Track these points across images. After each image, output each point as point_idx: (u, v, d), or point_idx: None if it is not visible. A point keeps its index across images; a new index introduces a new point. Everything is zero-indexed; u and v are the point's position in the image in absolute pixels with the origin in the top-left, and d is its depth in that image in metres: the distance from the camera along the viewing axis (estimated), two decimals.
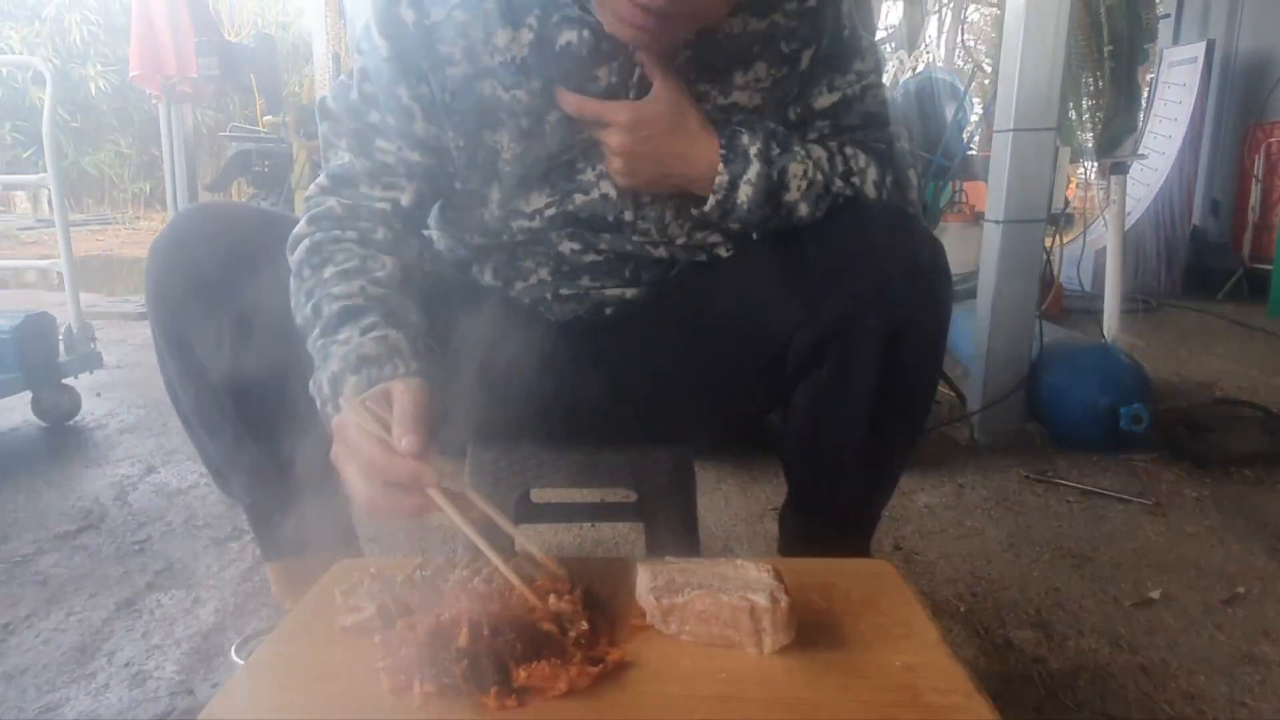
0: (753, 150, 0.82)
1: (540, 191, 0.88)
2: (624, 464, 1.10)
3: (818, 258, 0.82)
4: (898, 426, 0.85)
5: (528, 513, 1.34)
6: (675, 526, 1.14)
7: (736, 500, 1.73)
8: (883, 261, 0.79)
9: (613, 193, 0.87)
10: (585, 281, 0.93)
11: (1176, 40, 5.06)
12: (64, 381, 2.28)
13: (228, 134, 4.66)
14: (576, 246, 0.91)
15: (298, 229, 0.84)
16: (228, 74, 2.46)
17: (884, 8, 12.13)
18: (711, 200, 0.83)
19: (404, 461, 0.66)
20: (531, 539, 1.48)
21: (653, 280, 0.94)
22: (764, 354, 0.86)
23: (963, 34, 14.03)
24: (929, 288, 0.80)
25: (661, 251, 0.92)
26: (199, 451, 0.96)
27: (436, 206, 0.95)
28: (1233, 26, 4.82)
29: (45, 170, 2.27)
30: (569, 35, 0.80)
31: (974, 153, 4.43)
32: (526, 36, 0.81)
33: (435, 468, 0.67)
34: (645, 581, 0.64)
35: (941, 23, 13.60)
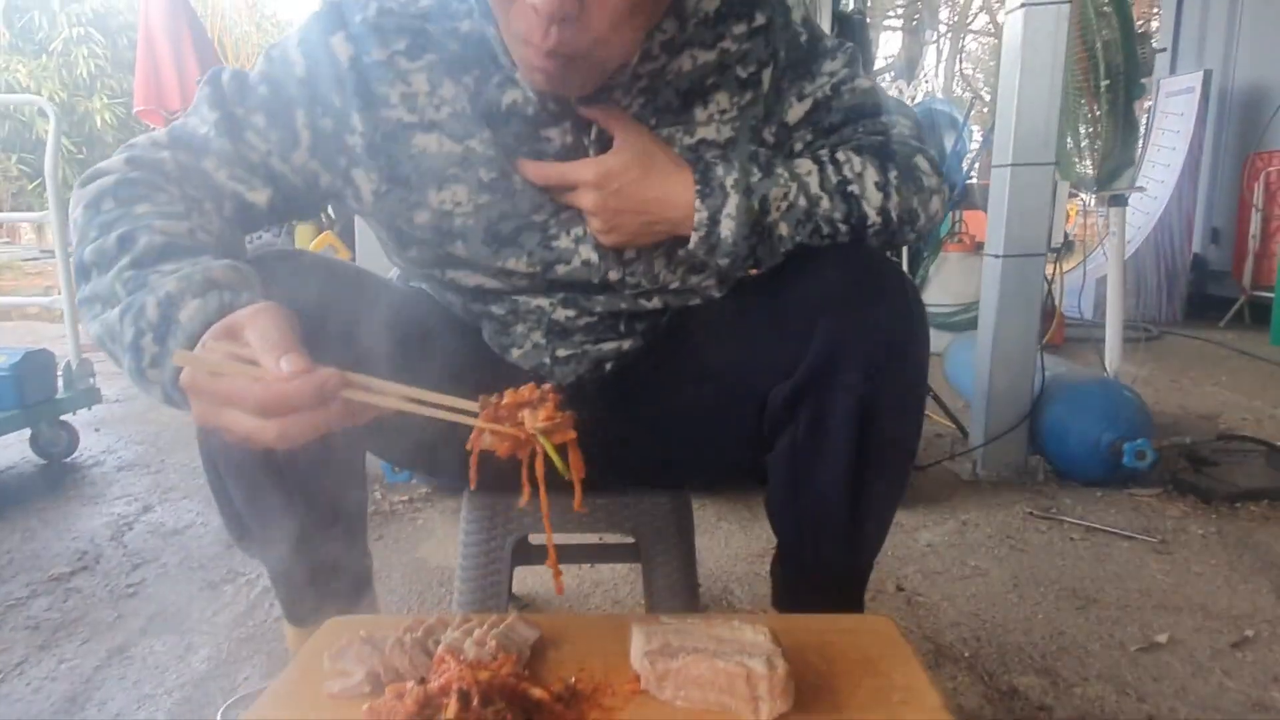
0: (729, 182, 0.79)
1: (516, 257, 0.84)
2: (621, 509, 1.09)
3: (794, 308, 0.80)
4: (878, 482, 0.82)
5: (525, 554, 1.33)
6: (674, 569, 1.13)
7: (736, 538, 1.72)
8: (853, 316, 0.76)
9: (594, 256, 0.85)
10: (580, 339, 0.91)
11: (1173, 70, 5.10)
12: (62, 418, 2.27)
13: None
14: (571, 313, 0.89)
15: (104, 164, 0.75)
16: None
17: (882, 38, 12.28)
18: (694, 238, 0.80)
19: (302, 379, 0.56)
20: (529, 579, 1.46)
21: (649, 329, 0.93)
22: (754, 404, 0.85)
23: (960, 63, 14.18)
24: (902, 343, 0.77)
25: (655, 301, 0.90)
26: (220, 503, 0.86)
27: (409, 266, 0.91)
28: (1229, 57, 4.86)
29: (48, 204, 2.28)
30: (512, 95, 0.79)
31: (974, 181, 4.45)
32: (469, 93, 0.79)
33: (332, 369, 0.57)
34: (640, 644, 0.63)
35: (940, 52, 13.75)
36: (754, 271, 0.89)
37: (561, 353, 0.91)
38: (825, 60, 0.87)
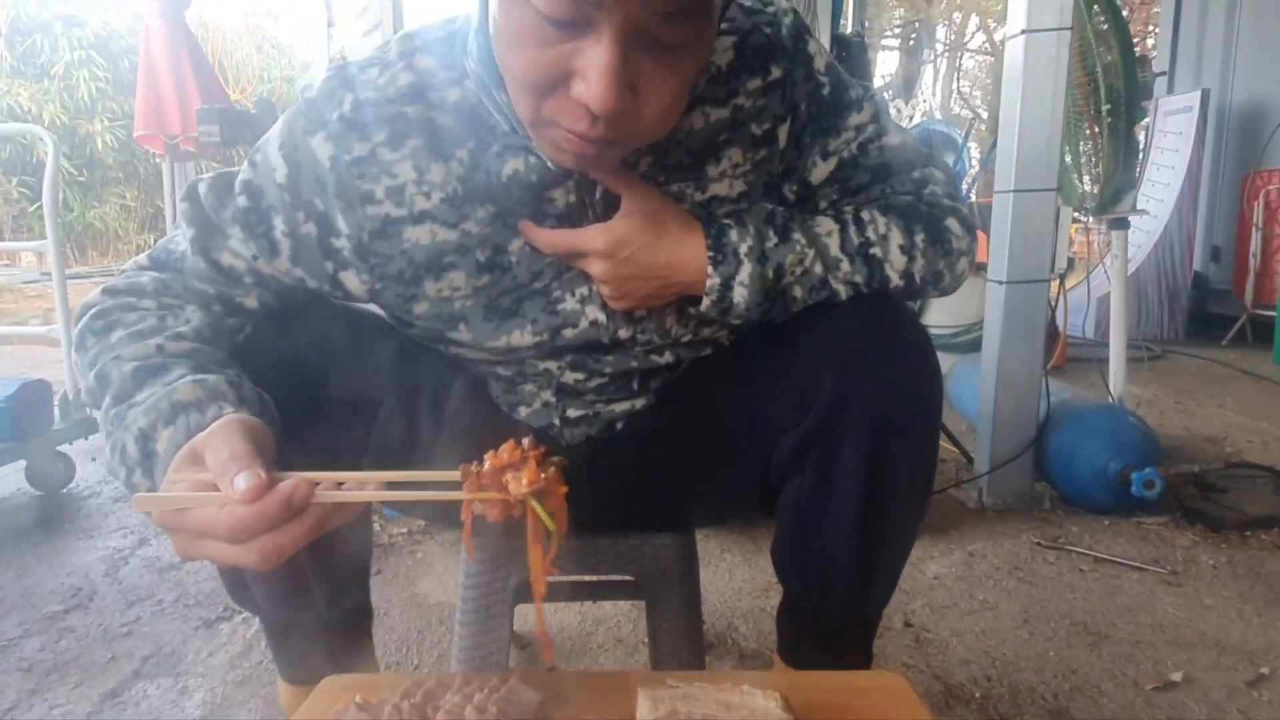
0: (743, 248, 0.76)
1: (520, 328, 0.81)
2: (625, 551, 1.07)
3: (805, 356, 0.77)
4: (888, 535, 0.80)
5: (527, 593, 1.30)
6: (678, 612, 1.10)
7: (740, 572, 1.69)
8: (864, 365, 0.74)
9: (601, 316, 0.82)
10: (591, 398, 0.89)
11: (1171, 90, 5.11)
12: (59, 449, 2.25)
13: None
14: (580, 376, 0.86)
15: (88, 296, 0.75)
16: (228, 139, 2.47)
17: (880, 58, 12.36)
18: (706, 302, 0.78)
19: (265, 499, 0.53)
20: (531, 617, 1.44)
21: (660, 385, 0.90)
22: (764, 451, 0.83)
23: (958, 82, 14.26)
24: (914, 393, 0.75)
25: (667, 356, 0.87)
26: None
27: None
28: (1226, 76, 4.87)
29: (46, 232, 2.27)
30: (514, 164, 0.75)
31: (974, 201, 4.45)
32: (462, 168, 0.75)
33: (298, 477, 0.55)
34: (646, 711, 0.61)
35: (937, 71, 13.82)
36: None
37: (572, 413, 0.89)
38: (850, 113, 0.83)
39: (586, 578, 1.41)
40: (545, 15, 0.59)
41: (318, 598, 0.81)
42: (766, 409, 0.81)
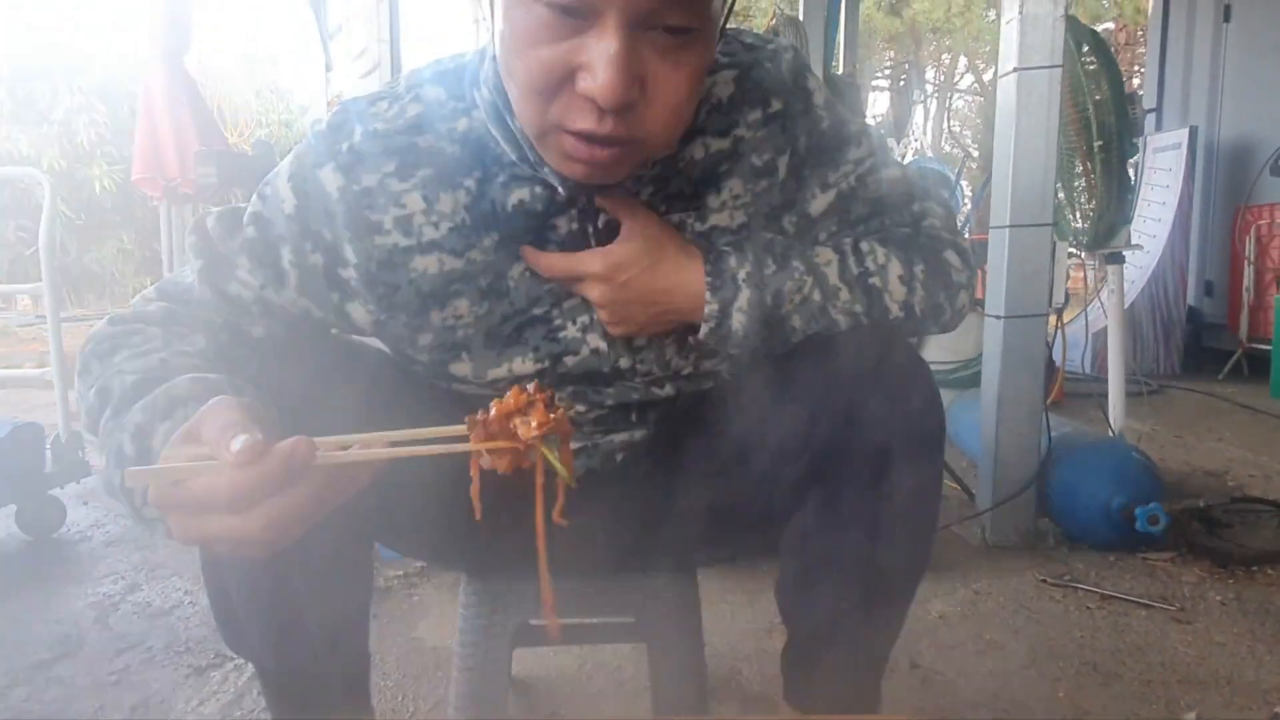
0: (741, 275, 0.77)
1: (522, 356, 0.81)
2: (626, 593, 1.05)
3: (806, 391, 0.77)
4: (892, 573, 0.78)
5: (526, 635, 1.28)
6: (680, 655, 1.08)
7: (743, 613, 1.67)
8: (865, 402, 0.73)
9: (603, 345, 0.82)
10: (590, 429, 0.88)
11: (1160, 127, 5.17)
12: (50, 493, 2.22)
13: None
14: (582, 408, 0.86)
15: (94, 328, 0.75)
16: (226, 181, 2.48)
17: (871, 98, 12.53)
18: (704, 329, 0.78)
19: (266, 455, 0.51)
20: (529, 661, 1.41)
21: (659, 417, 0.90)
22: (766, 487, 0.81)
23: (948, 121, 14.46)
24: (916, 430, 0.74)
25: (668, 389, 0.87)
26: (216, 607, 0.80)
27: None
28: (1213, 114, 4.93)
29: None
30: (520, 194, 0.76)
31: (969, 237, 4.48)
32: (469, 197, 0.76)
33: (297, 437, 0.52)
34: None
35: (927, 111, 14.02)
36: None
37: (572, 445, 0.88)
38: (849, 147, 0.83)
39: (585, 620, 1.38)
40: (548, 4, 0.59)
41: (315, 639, 0.78)
42: (767, 443, 0.80)
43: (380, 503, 0.74)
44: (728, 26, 0.74)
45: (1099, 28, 10.72)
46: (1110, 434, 2.34)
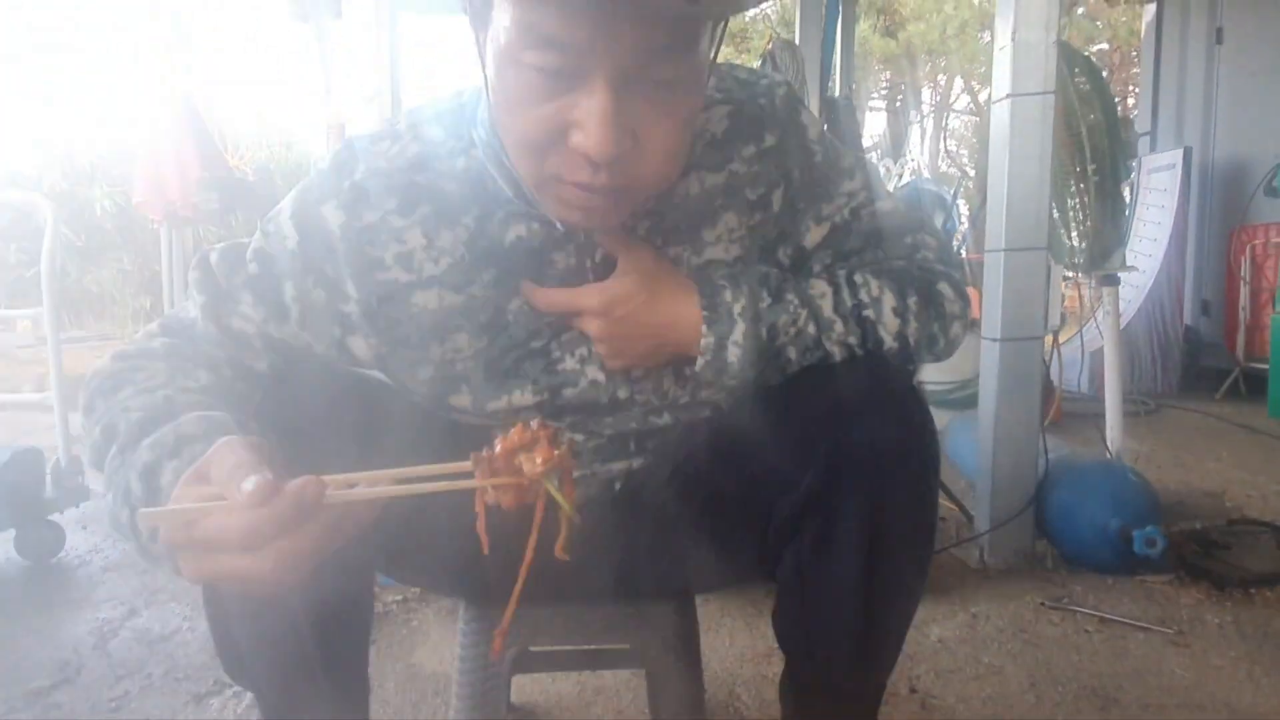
0: (736, 308, 0.78)
1: (521, 389, 0.82)
2: (624, 620, 1.06)
3: (802, 419, 0.77)
4: (889, 599, 0.78)
5: (525, 662, 1.28)
6: (679, 681, 1.08)
7: (741, 636, 1.67)
8: (861, 429, 0.73)
9: (601, 377, 0.83)
10: (589, 459, 0.89)
11: (1154, 148, 5.21)
12: (49, 518, 2.22)
13: None
14: (580, 437, 0.87)
15: (98, 364, 0.76)
16: (227, 206, 2.50)
17: (868, 119, 12.63)
18: (701, 362, 0.79)
19: (277, 497, 0.51)
20: (529, 688, 1.41)
21: (657, 447, 0.91)
22: (763, 515, 0.82)
23: (945, 141, 14.55)
24: (911, 459, 0.74)
25: (665, 418, 0.88)
26: (214, 623, 0.78)
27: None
28: (1208, 135, 4.97)
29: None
30: (517, 230, 0.78)
31: (966, 257, 4.50)
32: (469, 233, 0.78)
33: (306, 476, 0.52)
34: None
35: (924, 131, 14.11)
36: None
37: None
38: (843, 180, 0.85)
39: (584, 646, 1.39)
40: (538, 67, 0.61)
41: (315, 667, 0.79)
42: (764, 471, 0.81)
43: (382, 533, 0.75)
44: (722, 62, 0.76)
45: (1092, 49, 10.83)
46: (1108, 455, 2.35)
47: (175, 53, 3.76)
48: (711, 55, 0.69)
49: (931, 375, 3.76)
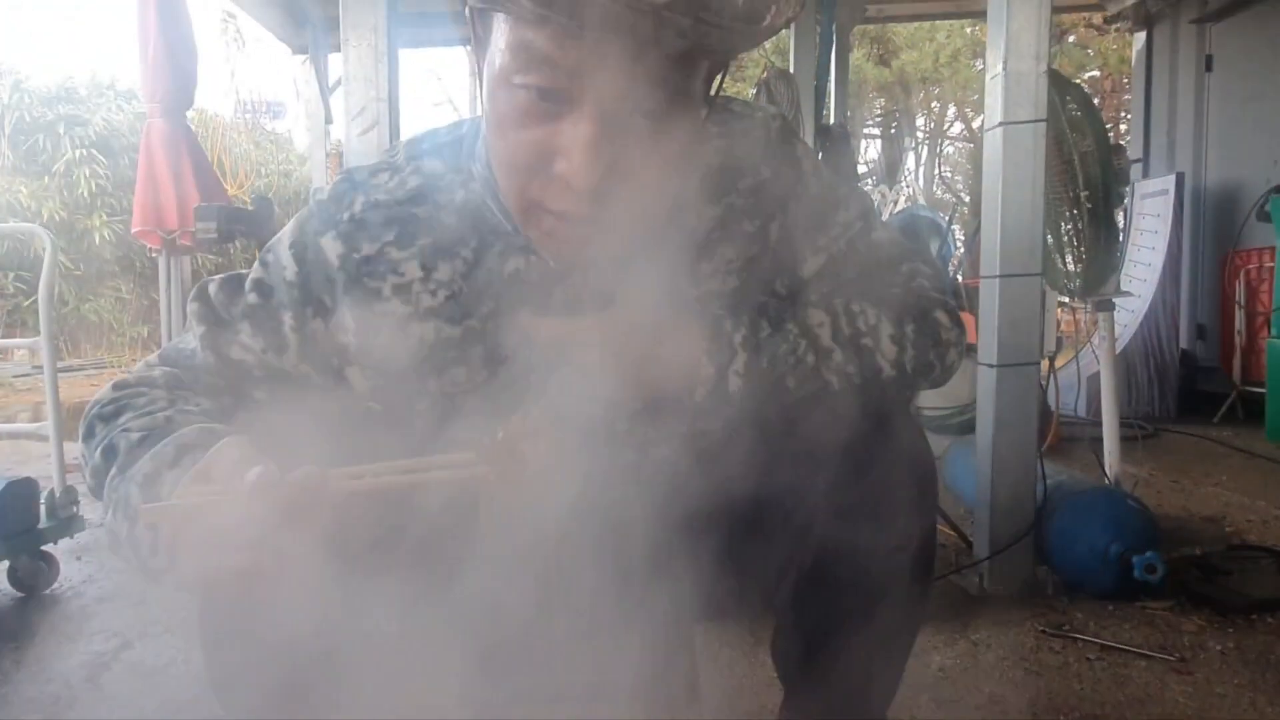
0: (737, 339, 0.78)
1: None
2: (621, 649, 1.05)
3: (798, 452, 0.78)
4: (888, 630, 0.79)
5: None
6: (676, 708, 1.07)
7: (740, 667, 1.65)
8: (858, 464, 0.74)
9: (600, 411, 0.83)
10: None
11: (1146, 174, 5.25)
12: (43, 548, 2.21)
13: None
14: None
15: (99, 392, 0.76)
16: (225, 235, 2.51)
17: (863, 145, 12.73)
18: (701, 391, 0.79)
19: (280, 483, 0.51)
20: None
21: (655, 478, 0.90)
22: (762, 544, 0.82)
23: (939, 168, 14.67)
24: (911, 490, 0.76)
25: (663, 449, 0.88)
26: (208, 655, 0.77)
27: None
28: (1199, 160, 5.02)
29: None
30: (515, 263, 0.78)
31: (962, 282, 4.52)
32: (466, 266, 0.78)
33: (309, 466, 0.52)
34: None
35: (918, 158, 14.23)
36: None
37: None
38: (839, 210, 0.86)
39: (579, 679, 1.37)
40: (527, 87, 0.62)
41: (313, 703, 0.78)
42: (762, 501, 0.81)
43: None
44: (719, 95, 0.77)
45: (1084, 77, 10.94)
46: (1106, 480, 2.34)
47: (175, 83, 3.78)
48: (708, 93, 0.70)
49: (929, 401, 3.76)
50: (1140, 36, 5.45)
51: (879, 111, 13.56)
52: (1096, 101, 2.74)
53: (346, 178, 0.80)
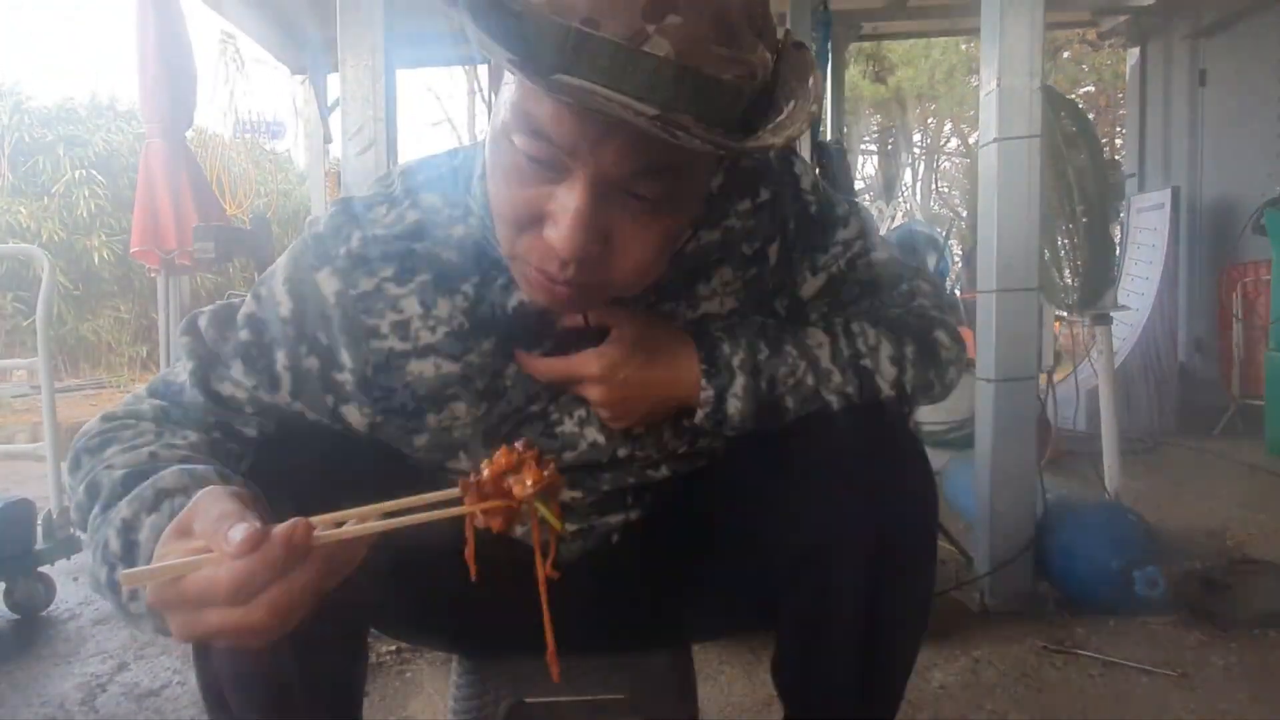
0: (735, 361, 0.78)
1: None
2: (619, 669, 1.04)
3: (801, 467, 0.77)
4: (889, 647, 0.78)
5: (518, 714, 1.26)
6: None
7: (739, 685, 1.64)
8: (860, 478, 0.74)
9: (600, 438, 0.82)
10: (586, 512, 0.88)
11: (1142, 188, 5.27)
12: (40, 570, 2.19)
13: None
14: (578, 494, 0.86)
15: (87, 424, 0.75)
16: (223, 255, 2.51)
17: (859, 161, 12.80)
18: (700, 414, 0.79)
19: (266, 544, 0.50)
20: None
21: (655, 498, 0.90)
22: (762, 563, 0.81)
23: (936, 183, 14.72)
24: (911, 507, 0.75)
25: (664, 470, 0.88)
26: (203, 679, 0.76)
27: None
28: (1194, 175, 5.04)
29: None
30: (519, 296, 0.77)
31: (960, 296, 4.52)
32: (467, 301, 0.77)
33: (293, 520, 0.51)
34: None
35: (915, 173, 14.29)
36: None
37: (568, 529, 0.88)
38: (837, 229, 0.85)
39: (579, 697, 1.36)
40: (524, 153, 0.61)
41: None
42: (762, 520, 0.80)
43: (374, 587, 0.74)
44: None
45: (1079, 93, 11.01)
46: (1106, 495, 2.34)
47: (174, 104, 3.79)
48: (712, 175, 0.69)
49: (927, 416, 3.76)
50: (1134, 52, 5.48)
51: (876, 128, 13.63)
52: (1091, 117, 2.76)
53: (343, 210, 0.78)
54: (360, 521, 0.55)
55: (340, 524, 0.55)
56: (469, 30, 0.57)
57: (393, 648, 1.85)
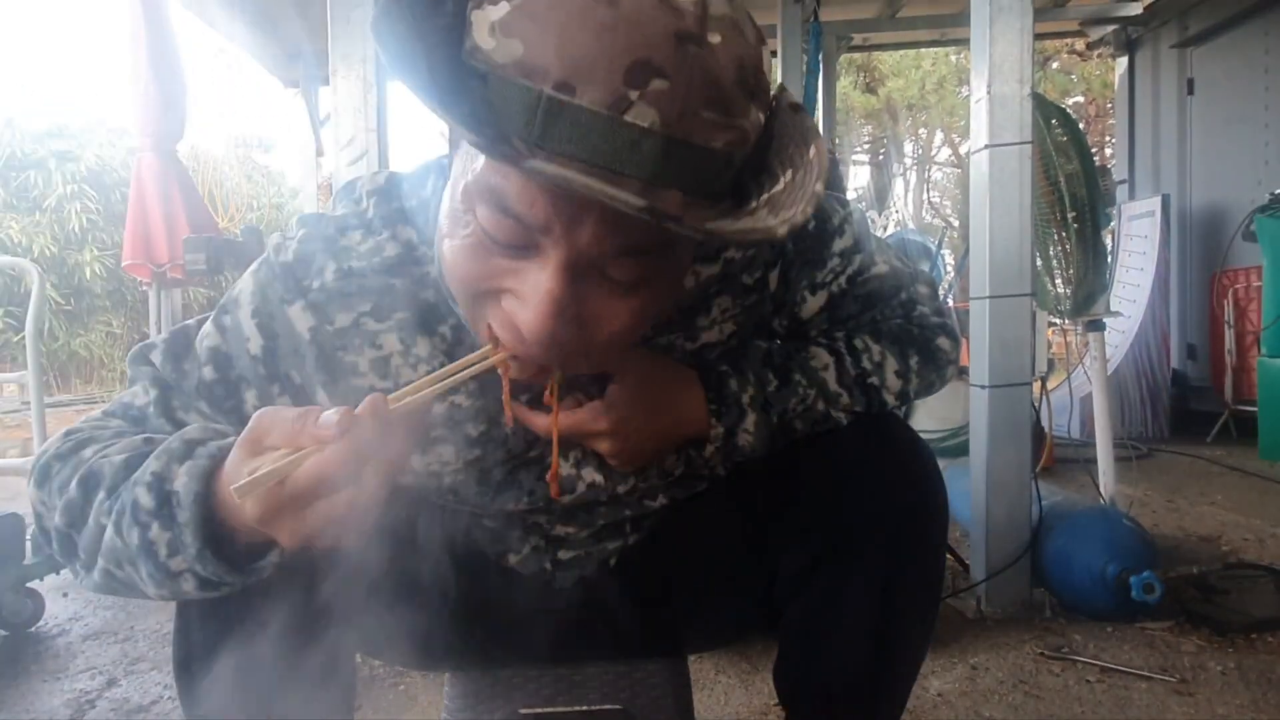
0: (745, 398, 0.75)
1: (516, 499, 0.79)
2: (615, 679, 1.03)
3: (807, 477, 0.77)
4: (895, 655, 0.78)
5: None
6: None
7: (737, 694, 1.63)
8: (869, 486, 0.74)
9: (599, 478, 0.79)
10: (584, 539, 0.86)
11: (1133, 195, 5.30)
12: (29, 585, 2.17)
13: None
14: (571, 529, 0.84)
15: (46, 444, 0.69)
16: (214, 267, 2.50)
17: (851, 171, 12.84)
18: (710, 449, 0.77)
19: (360, 420, 0.52)
20: None
21: (654, 524, 0.89)
22: (764, 573, 0.81)
23: (928, 193, 14.78)
24: (920, 513, 0.74)
25: (662, 498, 0.86)
26: (185, 698, 0.73)
27: None
28: (1183, 182, 5.07)
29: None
30: None
31: (952, 305, 4.53)
32: (445, 343, 0.72)
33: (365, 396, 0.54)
34: None
35: (907, 183, 14.34)
36: None
37: (563, 555, 0.86)
38: (833, 240, 0.82)
39: (575, 708, 1.35)
40: (491, 235, 0.56)
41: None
42: (767, 531, 0.80)
43: (361, 616, 0.72)
44: None
45: (1068, 101, 11.08)
46: (1101, 501, 2.34)
47: (166, 117, 3.79)
48: (691, 254, 0.65)
49: (922, 424, 3.76)
50: (1122, 61, 5.52)
51: (867, 138, 13.69)
52: (1081, 125, 2.77)
53: (313, 236, 0.71)
54: (417, 394, 0.59)
55: (400, 398, 0.58)
56: (423, 100, 0.49)
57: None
